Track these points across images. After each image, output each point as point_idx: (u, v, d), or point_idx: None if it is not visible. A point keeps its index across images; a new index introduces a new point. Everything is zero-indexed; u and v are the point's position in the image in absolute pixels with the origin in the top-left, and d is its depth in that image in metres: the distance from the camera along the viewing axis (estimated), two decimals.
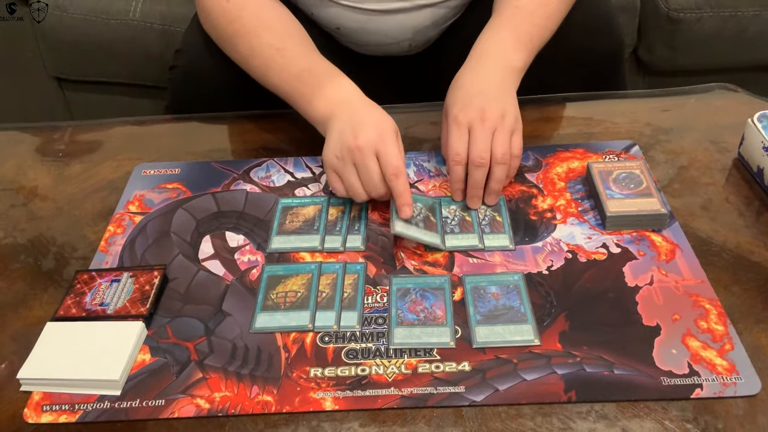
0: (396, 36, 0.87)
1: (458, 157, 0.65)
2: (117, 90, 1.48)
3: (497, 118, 0.65)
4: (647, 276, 0.58)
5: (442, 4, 0.85)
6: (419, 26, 0.86)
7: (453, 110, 0.66)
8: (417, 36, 0.88)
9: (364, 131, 0.63)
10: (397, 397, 0.50)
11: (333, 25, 0.87)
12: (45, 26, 1.39)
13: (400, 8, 0.83)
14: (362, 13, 0.83)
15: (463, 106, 0.66)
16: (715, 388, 0.49)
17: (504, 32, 0.72)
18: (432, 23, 0.87)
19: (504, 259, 0.61)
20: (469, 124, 0.65)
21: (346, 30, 0.86)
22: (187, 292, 0.60)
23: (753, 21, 1.37)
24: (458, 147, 0.65)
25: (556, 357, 0.52)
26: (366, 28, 0.85)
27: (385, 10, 0.83)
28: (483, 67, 0.70)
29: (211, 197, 0.70)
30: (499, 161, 0.64)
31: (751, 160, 0.69)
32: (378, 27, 0.85)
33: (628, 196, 0.64)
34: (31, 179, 0.75)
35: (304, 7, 0.87)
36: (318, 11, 0.86)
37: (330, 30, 0.88)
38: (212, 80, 0.82)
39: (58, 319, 0.57)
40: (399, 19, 0.85)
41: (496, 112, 0.65)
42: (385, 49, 0.90)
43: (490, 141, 0.64)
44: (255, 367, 0.53)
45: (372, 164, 0.62)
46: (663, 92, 0.84)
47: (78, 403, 0.51)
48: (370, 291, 0.59)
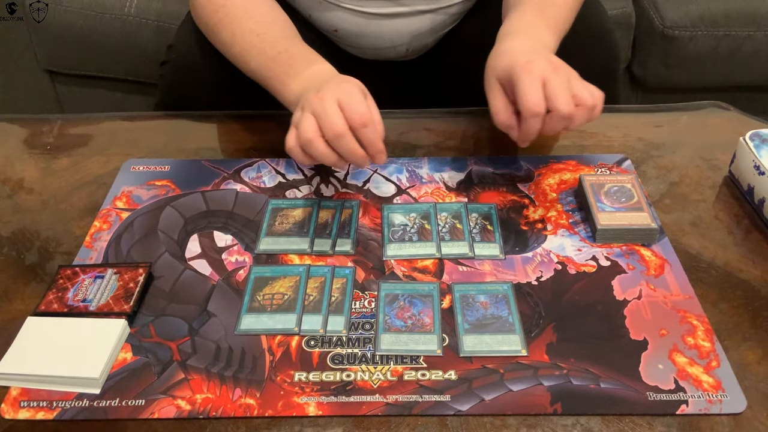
0: (393, 40, 0.87)
1: (538, 107, 0.59)
2: (109, 85, 1.47)
3: (567, 68, 0.62)
4: (636, 290, 0.58)
5: (441, 10, 0.85)
6: (417, 32, 0.86)
7: (519, 62, 0.60)
8: (414, 41, 0.88)
9: (326, 86, 0.60)
10: (381, 404, 0.50)
11: (331, 28, 0.87)
12: (38, 19, 1.38)
13: (398, 12, 0.83)
14: (361, 16, 0.83)
15: (529, 59, 0.60)
16: (701, 405, 0.49)
17: (530, 15, 0.70)
18: (430, 29, 0.87)
19: (494, 268, 0.61)
20: (542, 74, 0.59)
21: (344, 32, 0.86)
22: (172, 290, 0.59)
23: (746, 41, 1.39)
24: (537, 97, 0.59)
25: (542, 368, 0.52)
26: (364, 31, 0.85)
27: (383, 14, 0.83)
28: (519, 41, 0.66)
29: (200, 196, 0.69)
30: (589, 106, 0.60)
31: (742, 178, 0.69)
32: (376, 31, 0.85)
33: (619, 209, 0.64)
34: (18, 171, 0.74)
35: (302, 8, 0.87)
36: (317, 13, 0.86)
37: (328, 32, 0.88)
38: (203, 76, 0.81)
39: (40, 314, 0.56)
40: (397, 24, 0.84)
41: (562, 63, 0.62)
42: (382, 53, 0.89)
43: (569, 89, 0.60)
44: (238, 370, 0.52)
45: (331, 107, 0.57)
46: (656, 108, 0.84)
47: (56, 400, 0.50)
48: (358, 296, 0.58)
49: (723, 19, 1.37)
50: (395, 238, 0.64)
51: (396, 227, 0.65)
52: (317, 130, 0.58)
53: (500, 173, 0.72)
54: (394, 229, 0.65)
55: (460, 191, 0.70)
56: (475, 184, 0.70)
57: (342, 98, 0.58)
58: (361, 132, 0.58)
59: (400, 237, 0.64)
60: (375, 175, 0.72)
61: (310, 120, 0.58)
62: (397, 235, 0.64)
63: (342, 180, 0.71)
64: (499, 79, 0.64)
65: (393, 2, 0.82)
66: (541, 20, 0.70)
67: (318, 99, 0.59)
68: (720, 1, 1.38)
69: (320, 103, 0.58)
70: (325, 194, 0.69)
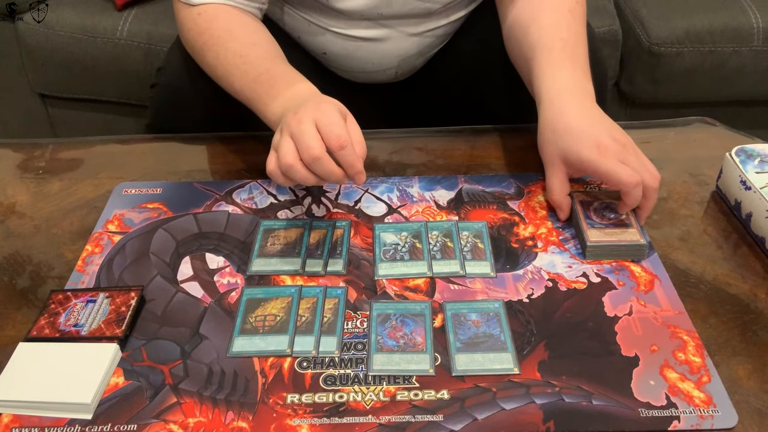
0: (382, 64, 0.88)
1: (635, 178, 0.61)
2: (101, 108, 1.47)
3: (629, 140, 0.65)
4: (626, 306, 0.59)
5: (428, 33, 0.86)
6: (405, 55, 0.87)
7: (590, 148, 0.63)
8: (403, 64, 0.89)
9: (305, 106, 0.60)
10: (374, 425, 0.50)
11: (320, 51, 0.87)
12: (30, 43, 1.39)
13: (385, 36, 0.84)
14: (349, 40, 0.84)
15: (596, 143, 0.63)
16: (693, 421, 0.49)
17: (568, 66, 0.70)
18: (418, 52, 0.88)
19: (485, 286, 0.61)
20: (617, 156, 0.63)
21: (332, 55, 0.87)
22: (164, 314, 0.59)
23: (731, 57, 1.41)
24: (628, 171, 0.62)
25: (535, 386, 0.52)
26: (352, 55, 0.86)
27: (371, 38, 0.84)
28: (575, 112, 0.67)
29: (192, 218, 0.69)
30: (657, 176, 0.63)
31: (729, 193, 0.70)
32: (365, 54, 0.86)
33: (608, 226, 0.65)
34: (10, 196, 0.74)
35: (291, 31, 0.87)
36: (305, 37, 0.86)
37: (317, 55, 0.89)
38: (192, 98, 0.82)
39: (31, 340, 0.56)
40: (385, 48, 0.85)
41: (622, 134, 0.65)
42: (372, 76, 0.90)
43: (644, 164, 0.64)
44: (231, 392, 0.52)
45: (308, 129, 0.57)
46: (643, 124, 0.85)
47: (48, 426, 0.50)
48: (350, 316, 0.58)
49: (708, 35, 1.39)
50: (387, 257, 0.64)
51: (387, 246, 0.65)
52: (296, 154, 0.57)
53: (490, 191, 0.72)
54: (385, 248, 0.65)
55: (451, 210, 0.70)
56: (466, 202, 0.71)
57: (319, 119, 0.58)
58: (339, 154, 0.57)
59: (391, 256, 0.64)
60: (366, 195, 0.72)
61: (289, 144, 0.58)
62: (389, 254, 0.64)
63: (333, 200, 0.72)
64: (563, 159, 0.66)
65: (380, 26, 0.83)
66: (577, 69, 0.70)
67: (296, 121, 0.58)
68: (705, 18, 1.40)
69: (297, 125, 0.58)
70: (316, 214, 0.70)
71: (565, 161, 0.66)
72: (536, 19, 0.75)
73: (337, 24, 0.83)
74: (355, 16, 0.81)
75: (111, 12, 1.38)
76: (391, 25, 0.83)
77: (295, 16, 0.85)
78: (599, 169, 0.63)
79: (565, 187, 0.67)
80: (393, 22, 0.83)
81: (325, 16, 0.83)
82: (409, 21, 0.83)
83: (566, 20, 0.74)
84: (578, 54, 0.72)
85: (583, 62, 0.71)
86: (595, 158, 0.63)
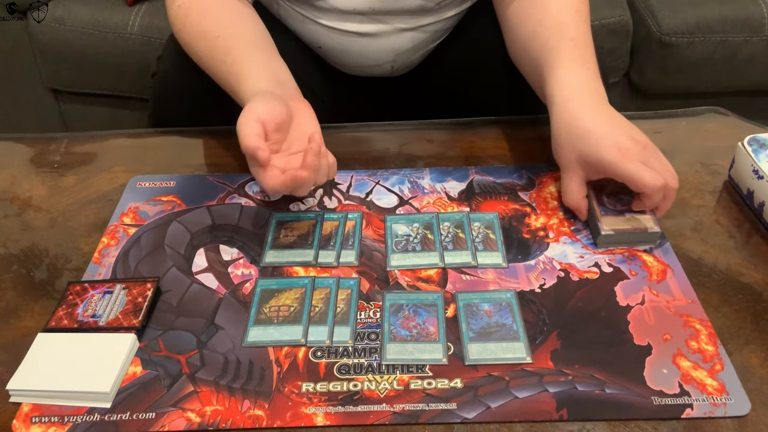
0: (378, 58, 0.87)
1: (658, 181, 0.61)
2: (113, 103, 1.48)
3: (647, 140, 0.64)
4: (639, 296, 0.59)
5: (422, 28, 0.85)
6: (400, 50, 0.87)
7: (611, 151, 0.62)
8: (398, 59, 0.89)
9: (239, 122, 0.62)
10: (388, 413, 0.50)
11: (315, 44, 0.87)
12: (43, 38, 1.40)
13: (379, 31, 0.84)
14: (342, 34, 0.84)
15: (616, 145, 0.62)
16: (706, 409, 0.50)
17: (580, 67, 0.69)
18: (412, 47, 0.87)
19: (497, 277, 0.61)
20: (639, 157, 0.62)
21: (327, 49, 0.87)
22: (180, 304, 0.60)
23: (742, 47, 1.40)
24: (651, 174, 0.61)
25: (548, 375, 0.52)
26: (347, 49, 0.86)
27: (365, 33, 0.84)
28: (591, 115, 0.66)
29: (205, 210, 0.70)
30: (675, 176, 0.63)
31: (741, 182, 0.70)
32: (359, 49, 0.86)
33: (621, 212, 0.65)
34: (26, 190, 0.75)
35: (289, 24, 0.88)
36: (301, 30, 0.87)
37: (313, 48, 0.89)
38: (191, 87, 0.82)
39: (50, 330, 0.57)
40: (379, 43, 0.85)
41: (641, 135, 0.64)
42: (368, 70, 0.90)
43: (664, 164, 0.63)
44: (247, 381, 0.53)
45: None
46: (655, 114, 0.85)
47: (67, 415, 0.51)
48: (363, 306, 0.59)
49: (719, 25, 1.38)
50: (399, 248, 0.64)
51: (399, 237, 0.66)
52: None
53: (501, 182, 0.73)
54: (397, 239, 0.65)
55: (462, 201, 0.70)
56: (477, 193, 0.71)
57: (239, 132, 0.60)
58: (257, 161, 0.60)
59: (403, 247, 0.65)
60: (377, 187, 0.72)
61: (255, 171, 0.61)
62: (401, 245, 0.65)
63: (345, 192, 0.72)
64: (581, 162, 0.65)
65: (373, 21, 0.83)
66: (590, 70, 0.69)
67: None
68: (716, 8, 1.39)
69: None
70: (328, 206, 0.70)
71: (583, 165, 0.65)
72: (543, 21, 0.74)
73: (330, 18, 0.83)
74: (346, 11, 0.81)
75: (122, 7, 1.38)
76: (384, 20, 0.83)
77: (288, 9, 0.85)
78: (623, 172, 0.62)
79: (582, 190, 0.66)
80: (386, 17, 0.83)
81: (317, 11, 0.83)
82: (402, 17, 0.83)
83: (574, 21, 0.73)
84: (588, 55, 0.71)
85: (593, 63, 0.71)
86: (618, 160, 0.61)
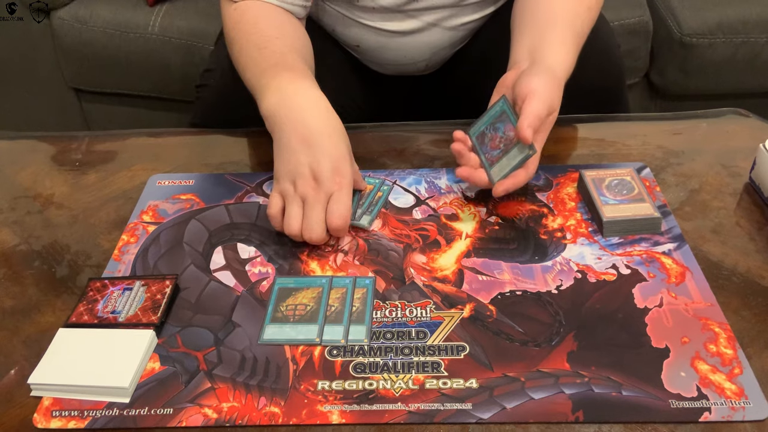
0: (414, 57, 0.88)
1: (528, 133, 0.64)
2: (134, 102, 1.50)
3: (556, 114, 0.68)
4: (657, 298, 0.58)
5: (461, 27, 0.86)
6: (437, 48, 0.88)
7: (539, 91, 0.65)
8: (434, 57, 0.89)
9: (321, 164, 0.62)
10: (404, 412, 0.50)
11: (353, 43, 0.88)
12: (65, 38, 1.42)
13: (419, 29, 0.85)
14: (382, 34, 0.85)
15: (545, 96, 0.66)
16: (724, 412, 0.49)
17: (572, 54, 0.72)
18: (450, 44, 0.88)
19: (513, 277, 0.61)
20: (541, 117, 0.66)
21: (366, 47, 0.88)
22: (198, 302, 0.60)
23: (765, 47, 1.38)
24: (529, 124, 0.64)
25: (564, 376, 0.52)
26: (385, 47, 0.87)
27: (404, 31, 0.85)
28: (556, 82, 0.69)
29: (224, 209, 0.71)
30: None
31: (762, 185, 0.69)
32: (397, 47, 0.86)
33: (621, 201, 0.65)
34: (48, 187, 0.76)
35: (326, 24, 0.88)
36: (340, 29, 0.87)
37: (350, 47, 0.90)
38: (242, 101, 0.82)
39: (70, 326, 0.58)
40: (419, 40, 0.86)
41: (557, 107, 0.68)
42: (402, 68, 0.91)
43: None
44: (263, 379, 0.53)
45: (318, 213, 0.62)
46: (675, 116, 0.84)
47: (87, 409, 0.52)
48: (379, 305, 0.59)
49: (741, 25, 1.37)
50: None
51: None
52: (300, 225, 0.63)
53: None
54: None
55: (479, 202, 0.70)
56: None
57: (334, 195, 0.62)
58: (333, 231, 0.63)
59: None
60: (395, 187, 0.73)
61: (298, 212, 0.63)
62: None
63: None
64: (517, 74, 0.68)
65: (412, 18, 0.83)
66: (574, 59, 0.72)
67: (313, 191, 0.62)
68: (737, 8, 1.37)
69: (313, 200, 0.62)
70: None
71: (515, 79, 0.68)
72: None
73: (371, 18, 0.84)
74: (388, 10, 0.82)
75: (143, 8, 1.40)
76: (424, 17, 0.83)
77: (329, 10, 0.86)
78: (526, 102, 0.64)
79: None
80: (426, 14, 0.83)
81: (359, 10, 0.83)
82: (442, 12, 0.84)
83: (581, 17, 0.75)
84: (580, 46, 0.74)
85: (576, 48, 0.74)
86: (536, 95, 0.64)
